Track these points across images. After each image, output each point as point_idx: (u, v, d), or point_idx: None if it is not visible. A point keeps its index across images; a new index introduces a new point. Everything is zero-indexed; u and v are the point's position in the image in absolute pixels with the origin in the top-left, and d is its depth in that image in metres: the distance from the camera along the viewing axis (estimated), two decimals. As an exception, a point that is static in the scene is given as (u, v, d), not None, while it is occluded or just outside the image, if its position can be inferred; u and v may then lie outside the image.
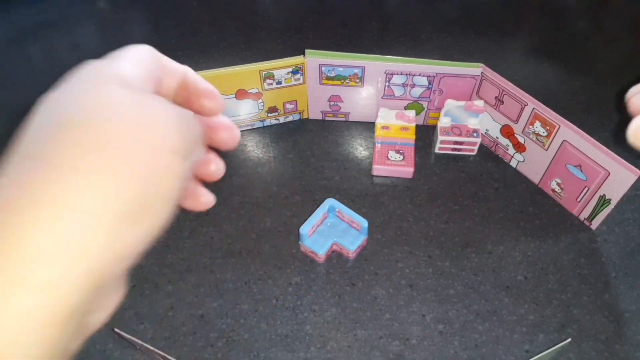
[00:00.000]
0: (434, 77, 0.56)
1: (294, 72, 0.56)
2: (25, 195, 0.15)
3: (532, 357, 0.38)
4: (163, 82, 0.22)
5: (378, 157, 0.55)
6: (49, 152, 0.16)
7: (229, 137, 0.24)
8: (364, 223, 0.47)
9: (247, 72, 0.54)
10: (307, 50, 0.54)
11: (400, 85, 0.57)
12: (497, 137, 0.57)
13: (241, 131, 0.61)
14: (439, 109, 0.59)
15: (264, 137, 0.60)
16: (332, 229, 0.48)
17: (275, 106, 0.59)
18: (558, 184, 0.52)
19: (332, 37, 0.75)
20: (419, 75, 0.56)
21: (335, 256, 0.48)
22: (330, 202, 0.49)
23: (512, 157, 0.56)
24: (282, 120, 0.62)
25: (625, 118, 0.32)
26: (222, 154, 0.26)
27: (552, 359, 0.41)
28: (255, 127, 0.61)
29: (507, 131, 0.55)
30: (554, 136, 0.49)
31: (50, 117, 0.17)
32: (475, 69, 0.54)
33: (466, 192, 0.54)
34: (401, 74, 0.56)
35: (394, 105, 0.60)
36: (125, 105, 0.17)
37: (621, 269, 0.47)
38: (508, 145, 0.56)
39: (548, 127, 0.50)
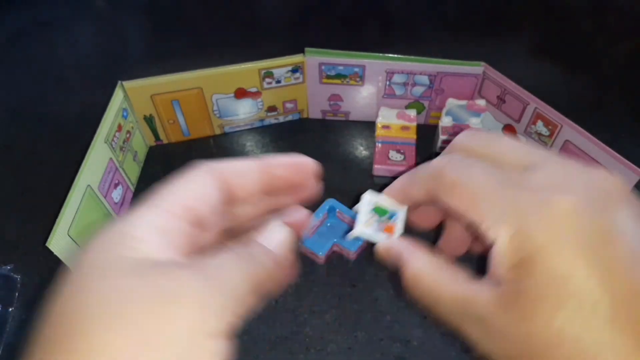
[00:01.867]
0: (435, 76, 0.55)
1: (294, 71, 0.55)
2: None
3: (534, 359, 0.37)
4: (235, 193, 0.23)
5: (379, 156, 0.55)
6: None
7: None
8: (364, 224, 0.46)
9: (246, 71, 0.53)
10: (306, 49, 0.54)
11: (401, 84, 0.57)
12: (499, 137, 0.56)
13: (240, 131, 0.60)
14: (440, 108, 0.59)
15: (264, 136, 0.60)
16: (332, 230, 0.48)
17: (274, 105, 0.59)
18: (560, 184, 0.52)
19: (332, 35, 0.74)
20: (420, 74, 0.55)
21: (336, 257, 0.48)
22: (330, 202, 0.48)
23: (514, 156, 0.56)
24: (281, 119, 0.61)
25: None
26: (222, 155, 0.25)
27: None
28: (254, 126, 0.61)
29: (509, 131, 0.55)
30: (556, 136, 0.49)
31: (47, 321, 0.17)
32: (477, 67, 0.54)
33: (467, 192, 0.54)
34: (402, 72, 0.55)
35: (395, 104, 0.59)
36: (126, 306, 0.16)
37: (624, 270, 0.47)
38: (510, 145, 0.56)
39: (550, 127, 0.49)
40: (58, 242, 0.39)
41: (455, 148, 0.27)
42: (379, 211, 0.30)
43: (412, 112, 0.58)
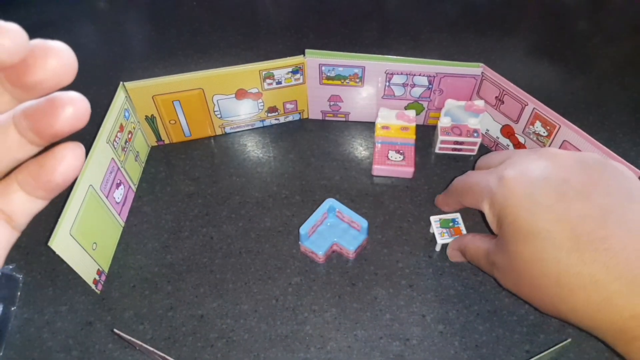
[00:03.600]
0: (434, 77, 0.56)
1: (294, 72, 0.56)
2: None
3: (532, 357, 0.38)
4: None
5: (378, 157, 0.55)
6: None
7: (59, 63, 0.16)
8: (364, 223, 0.47)
9: (247, 72, 0.54)
10: (307, 50, 0.54)
11: (401, 85, 0.57)
12: (498, 137, 0.57)
13: (241, 131, 0.61)
14: (439, 109, 0.59)
15: (264, 137, 0.60)
16: (332, 229, 0.48)
17: (275, 106, 0.59)
18: (558, 184, 0.52)
19: (332, 37, 0.75)
20: (419, 75, 0.56)
21: (336, 256, 0.48)
22: (330, 202, 0.49)
23: (513, 157, 0.56)
24: (282, 120, 0.61)
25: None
26: (223, 155, 0.25)
27: (552, 359, 0.41)
28: (255, 127, 0.61)
29: (507, 131, 0.55)
30: (555, 136, 0.49)
31: None
32: (476, 68, 0.54)
33: (466, 192, 0.54)
34: (401, 73, 0.56)
35: (394, 105, 0.59)
36: None
37: (622, 269, 0.47)
38: (508, 146, 0.56)
39: (548, 127, 0.49)
40: (60, 242, 0.39)
41: (476, 167, 0.45)
42: (445, 222, 0.48)
43: (412, 113, 0.59)
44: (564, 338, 0.41)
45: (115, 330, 0.39)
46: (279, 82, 0.56)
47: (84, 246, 0.43)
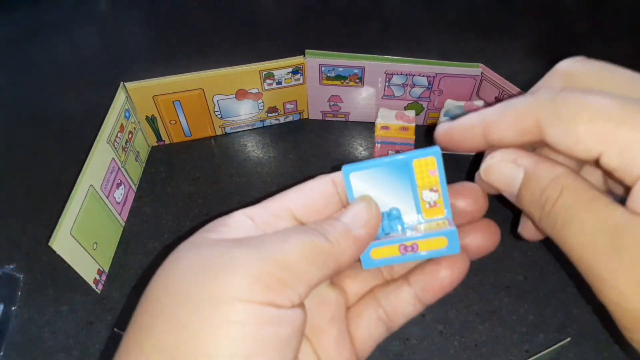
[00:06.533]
0: (433, 77, 0.56)
1: (294, 72, 0.56)
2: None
3: (532, 356, 0.38)
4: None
5: (378, 157, 0.55)
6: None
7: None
8: (363, 223, 0.47)
9: (247, 72, 0.54)
10: (307, 51, 0.54)
11: (400, 85, 0.57)
12: (497, 137, 0.57)
13: (241, 131, 0.61)
14: (438, 109, 0.59)
15: (264, 137, 0.60)
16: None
17: (275, 106, 0.59)
18: (558, 184, 0.52)
19: (332, 37, 0.75)
20: (419, 75, 0.56)
21: (335, 256, 0.48)
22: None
23: (512, 157, 0.56)
24: (282, 120, 0.62)
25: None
26: (223, 155, 0.25)
27: (552, 359, 0.41)
28: (255, 127, 0.61)
29: (506, 131, 0.55)
30: (554, 136, 0.49)
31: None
32: (475, 69, 0.54)
33: (466, 192, 0.54)
34: (401, 74, 0.56)
35: (394, 105, 0.60)
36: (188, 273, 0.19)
37: (621, 269, 0.47)
38: (508, 145, 0.56)
39: (548, 127, 0.50)
40: (61, 242, 0.39)
41: (556, 76, 0.20)
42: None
43: (411, 113, 0.59)
44: (563, 338, 0.41)
45: (117, 329, 0.39)
46: (279, 83, 0.56)
47: (85, 246, 0.43)
